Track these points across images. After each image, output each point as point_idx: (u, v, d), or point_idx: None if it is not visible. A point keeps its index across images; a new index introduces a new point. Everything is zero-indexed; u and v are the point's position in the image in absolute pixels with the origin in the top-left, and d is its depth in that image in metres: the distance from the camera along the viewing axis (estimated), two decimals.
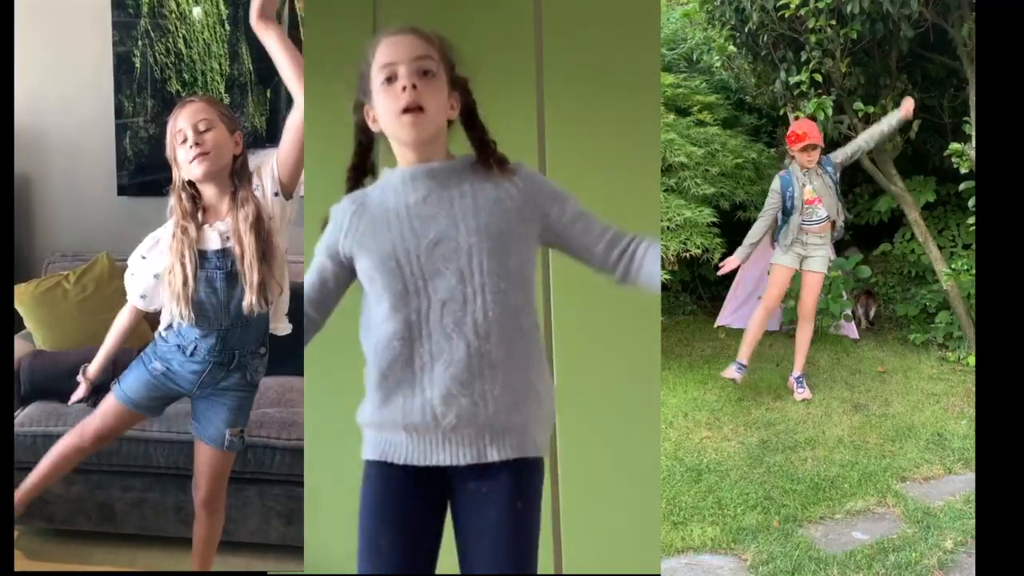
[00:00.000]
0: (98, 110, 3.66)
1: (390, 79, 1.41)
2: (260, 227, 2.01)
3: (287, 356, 2.85)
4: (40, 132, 3.62)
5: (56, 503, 2.86)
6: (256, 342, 2.17)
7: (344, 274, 1.47)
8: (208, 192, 2.05)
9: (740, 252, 3.66)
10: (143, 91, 3.62)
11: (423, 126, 1.41)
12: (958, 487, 2.80)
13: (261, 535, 2.82)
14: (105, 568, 2.77)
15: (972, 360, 4.10)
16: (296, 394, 3.01)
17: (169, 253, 2.04)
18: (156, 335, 2.18)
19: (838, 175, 3.69)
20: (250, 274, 1.99)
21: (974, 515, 2.56)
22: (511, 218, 1.42)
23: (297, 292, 3.12)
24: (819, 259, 3.69)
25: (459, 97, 1.48)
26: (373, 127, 1.48)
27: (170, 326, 2.12)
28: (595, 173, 2.50)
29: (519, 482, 1.42)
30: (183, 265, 2.00)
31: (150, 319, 2.26)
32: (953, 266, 4.16)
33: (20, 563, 2.81)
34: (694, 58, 5.42)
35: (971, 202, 4.01)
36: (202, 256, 2.03)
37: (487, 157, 1.46)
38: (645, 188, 2.50)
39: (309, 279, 1.49)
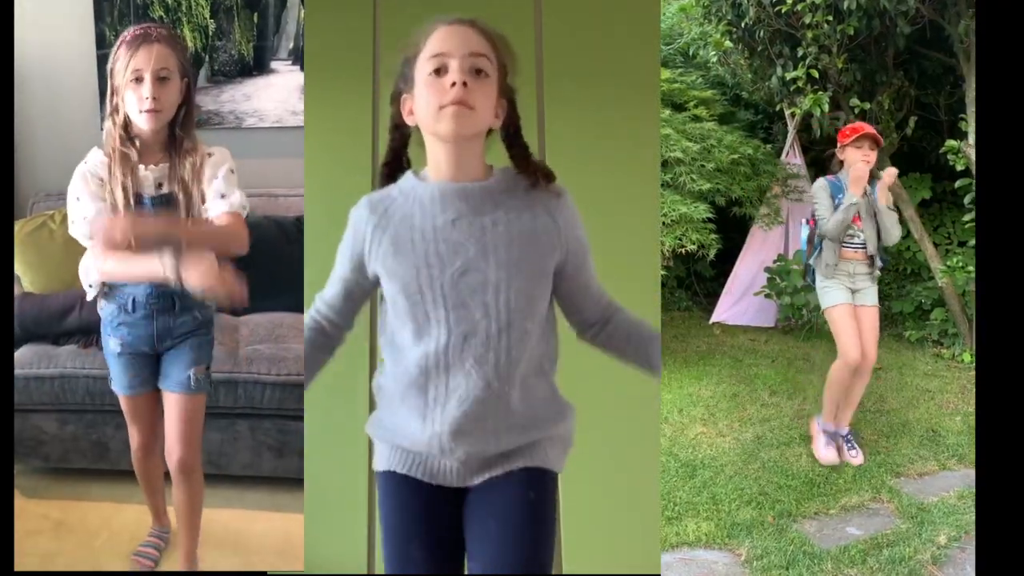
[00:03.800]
0: (78, 40, 3.52)
1: (439, 71, 1.29)
2: (196, 180, 1.99)
3: (276, 292, 2.87)
4: (18, 65, 3.32)
5: (51, 443, 2.88)
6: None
7: (368, 284, 1.41)
8: (144, 133, 1.99)
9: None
10: (125, 18, 3.48)
11: (466, 122, 1.28)
12: (952, 483, 2.81)
13: (253, 468, 2.86)
14: (101, 502, 2.79)
15: (967, 357, 4.12)
16: (285, 330, 3.02)
17: (103, 189, 1.96)
18: (98, 309, 2.14)
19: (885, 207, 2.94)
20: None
21: (967, 511, 2.57)
22: (544, 254, 1.34)
23: (286, 229, 3.18)
24: (869, 291, 2.97)
25: (505, 107, 1.37)
26: (408, 120, 1.36)
27: (106, 292, 2.08)
28: (595, 171, 2.50)
29: (531, 475, 1.37)
30: (125, 202, 1.93)
31: None
32: (948, 263, 4.16)
33: (16, 502, 2.80)
34: (690, 53, 5.41)
35: (967, 199, 4.02)
36: (137, 199, 1.96)
37: (532, 175, 1.35)
38: (644, 186, 2.50)
39: (332, 291, 1.43)
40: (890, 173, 2.87)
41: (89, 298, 2.13)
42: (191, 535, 2.27)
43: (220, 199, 1.99)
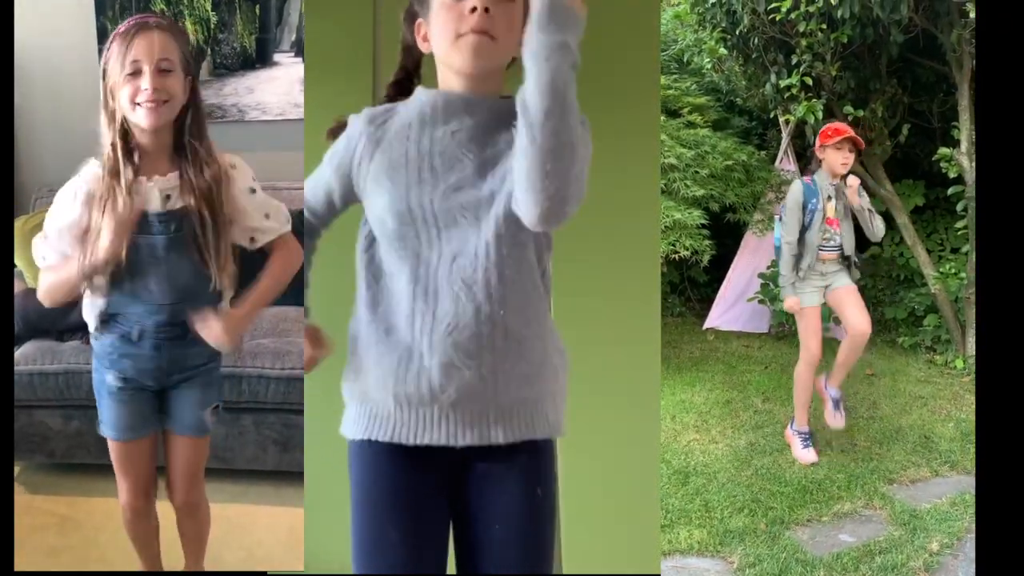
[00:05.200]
0: (80, 34, 3.51)
1: None
2: (218, 193, 1.73)
3: None
4: (20, 58, 3.30)
5: (56, 439, 2.89)
6: (207, 308, 1.84)
7: (350, 196, 1.31)
8: (147, 141, 1.71)
9: (787, 292, 3.00)
10: (126, 12, 3.45)
11: (487, 55, 1.17)
12: (945, 489, 2.81)
13: (258, 462, 2.88)
14: (107, 498, 2.75)
15: (960, 363, 4.13)
16: (290, 324, 3.03)
17: (90, 208, 1.68)
18: (92, 340, 1.87)
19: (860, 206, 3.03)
20: (214, 248, 1.71)
21: (960, 517, 2.57)
22: None
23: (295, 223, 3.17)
24: (841, 274, 3.04)
25: None
26: (423, 47, 1.26)
27: (107, 319, 1.82)
28: (595, 174, 2.49)
29: (536, 466, 1.27)
30: (116, 223, 1.65)
31: None
32: (941, 269, 4.18)
33: (22, 498, 2.82)
34: (685, 60, 5.43)
35: (960, 206, 4.04)
36: (141, 220, 1.69)
37: None
38: (644, 192, 2.50)
39: (313, 194, 1.35)
40: (852, 181, 2.97)
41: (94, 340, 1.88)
42: (196, 561, 2.23)
43: (266, 219, 1.78)
